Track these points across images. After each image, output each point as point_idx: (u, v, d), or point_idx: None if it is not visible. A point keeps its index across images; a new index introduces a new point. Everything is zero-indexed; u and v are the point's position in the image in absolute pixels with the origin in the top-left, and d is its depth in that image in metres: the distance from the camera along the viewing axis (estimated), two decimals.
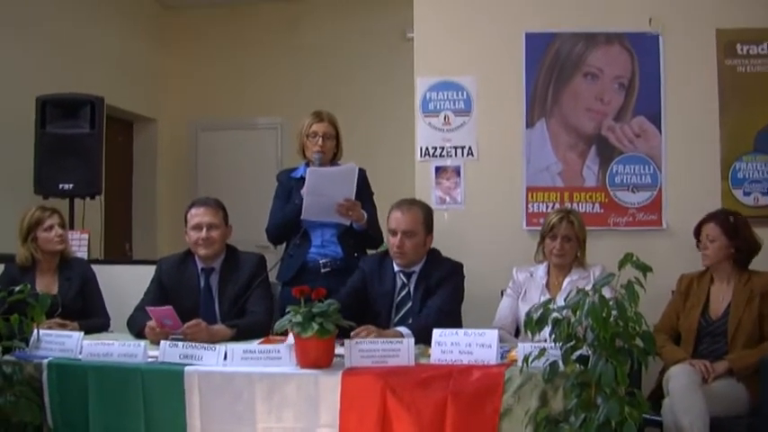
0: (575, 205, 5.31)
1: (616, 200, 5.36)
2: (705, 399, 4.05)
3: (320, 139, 4.97)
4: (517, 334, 4.63)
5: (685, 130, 5.32)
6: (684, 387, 4.09)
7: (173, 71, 9.00)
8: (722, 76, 5.32)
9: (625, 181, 5.37)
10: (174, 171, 9.04)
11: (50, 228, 4.92)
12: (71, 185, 6.12)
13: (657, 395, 4.30)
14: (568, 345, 3.11)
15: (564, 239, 4.54)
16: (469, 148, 5.49)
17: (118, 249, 8.21)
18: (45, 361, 3.79)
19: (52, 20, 6.99)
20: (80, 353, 3.84)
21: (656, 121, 5.34)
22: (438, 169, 5.53)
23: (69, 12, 7.26)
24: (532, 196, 5.42)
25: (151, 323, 4.18)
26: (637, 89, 5.36)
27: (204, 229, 4.54)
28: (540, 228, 4.80)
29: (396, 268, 4.49)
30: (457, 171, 5.51)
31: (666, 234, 5.29)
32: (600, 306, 2.95)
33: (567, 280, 4.54)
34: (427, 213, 4.51)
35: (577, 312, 3.00)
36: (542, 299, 4.08)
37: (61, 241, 4.95)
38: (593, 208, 5.37)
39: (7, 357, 3.80)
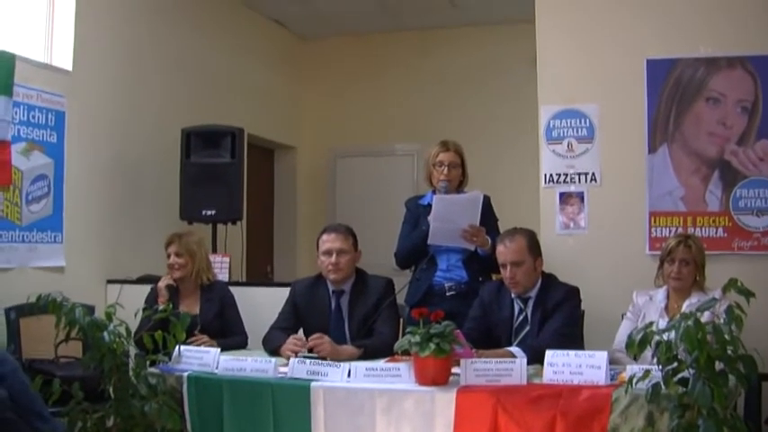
0: (698, 230, 5.34)
1: (740, 224, 5.35)
2: None
3: (446, 168, 5.14)
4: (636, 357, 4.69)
5: None
6: None
7: (311, 100, 9.36)
8: None
9: (749, 205, 5.35)
10: (314, 196, 9.37)
11: (168, 256, 5.26)
12: (213, 212, 6.45)
13: None
14: (670, 367, 3.20)
15: (682, 263, 4.58)
16: (593, 174, 5.59)
17: (260, 272, 8.56)
18: (185, 374, 4.13)
19: (195, 55, 7.40)
20: (216, 367, 4.15)
21: None
22: (562, 195, 5.63)
23: (211, 47, 7.67)
24: (655, 221, 5.46)
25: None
26: (760, 112, 5.34)
27: (334, 255, 4.74)
28: None
29: (513, 295, 4.60)
30: (581, 197, 5.60)
31: None
32: (695, 329, 3.04)
33: (686, 303, 4.55)
34: (530, 239, 4.58)
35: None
36: (661, 323, 4.14)
37: (175, 269, 5.23)
38: (716, 232, 5.37)
39: (152, 370, 4.14)
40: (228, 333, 5.19)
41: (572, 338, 4.45)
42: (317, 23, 8.94)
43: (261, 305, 5.51)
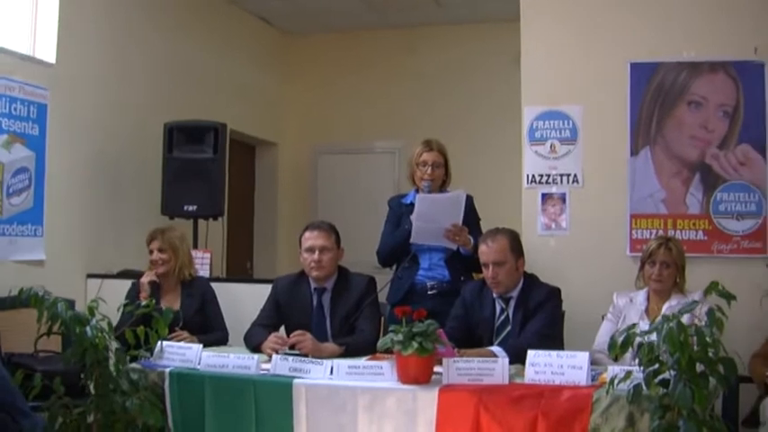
0: (678, 232, 5.38)
1: (720, 227, 5.40)
2: None
3: (430, 168, 5.15)
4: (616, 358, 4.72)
5: None
6: None
7: (294, 96, 9.33)
8: None
9: (729, 209, 5.40)
10: (295, 193, 9.36)
11: (151, 252, 5.26)
12: (195, 207, 6.41)
13: (753, 421, 4.34)
14: (651, 368, 3.23)
15: (662, 266, 4.61)
16: (575, 175, 5.61)
17: (239, 268, 8.53)
18: (167, 370, 4.13)
19: (178, 50, 7.39)
20: (199, 363, 4.15)
21: (760, 148, 5.36)
22: (544, 196, 5.66)
23: (195, 42, 7.65)
24: (636, 223, 5.50)
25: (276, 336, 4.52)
26: (741, 117, 5.39)
27: (316, 252, 4.75)
28: None
29: (494, 294, 4.63)
30: (562, 198, 5.63)
31: None
32: (677, 331, 3.07)
33: (666, 306, 4.58)
34: (513, 239, 4.61)
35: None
36: (641, 324, 4.17)
37: (158, 264, 5.23)
38: (696, 235, 5.42)
39: (134, 365, 4.13)
40: (209, 329, 5.19)
41: (553, 339, 4.47)
42: (301, 20, 8.93)
43: (241, 301, 5.54)
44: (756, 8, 5.39)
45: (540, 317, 4.49)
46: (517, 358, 3.99)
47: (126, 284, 5.39)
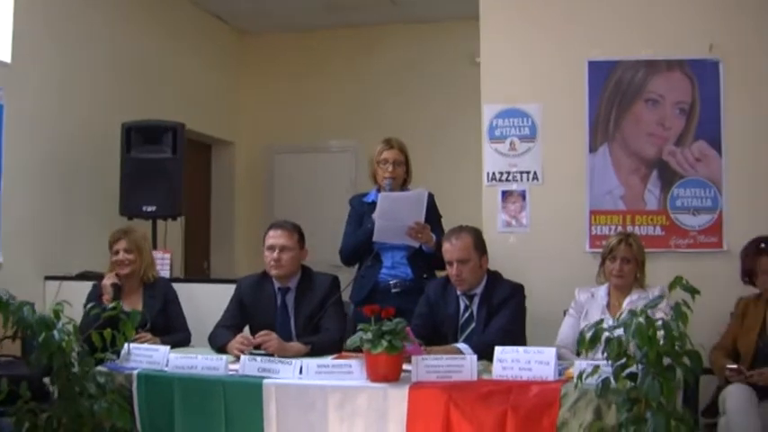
0: (636, 228, 5.45)
1: (677, 223, 5.49)
2: (762, 418, 4.15)
3: (390, 165, 5.19)
4: (579, 353, 4.78)
5: (745, 155, 5.42)
6: (741, 406, 4.17)
7: (250, 95, 9.29)
8: None
9: (686, 204, 5.48)
10: (251, 192, 9.32)
11: (116, 252, 5.19)
12: (154, 207, 6.35)
13: (712, 411, 4.42)
14: (619, 362, 3.29)
15: (623, 261, 4.68)
16: (534, 173, 5.66)
17: (197, 268, 8.48)
18: (135, 372, 4.11)
19: (134, 49, 7.31)
20: (166, 365, 4.14)
21: (716, 145, 5.45)
22: (504, 194, 5.70)
23: (151, 41, 7.59)
24: (595, 219, 5.56)
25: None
26: (697, 114, 5.48)
27: (276, 251, 4.76)
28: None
29: (458, 292, 4.67)
30: (522, 195, 5.67)
31: (727, 256, 5.34)
32: (646, 326, 3.13)
33: (627, 300, 4.65)
34: (476, 237, 4.66)
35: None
36: (604, 319, 4.22)
37: (124, 265, 5.16)
38: (654, 230, 5.49)
39: (100, 368, 4.09)
40: (172, 330, 5.14)
41: (516, 335, 4.53)
42: (257, 19, 8.90)
43: (200, 301, 5.54)
44: (711, 6, 5.48)
45: (504, 313, 4.54)
46: (482, 355, 4.03)
47: (85, 286, 5.32)
